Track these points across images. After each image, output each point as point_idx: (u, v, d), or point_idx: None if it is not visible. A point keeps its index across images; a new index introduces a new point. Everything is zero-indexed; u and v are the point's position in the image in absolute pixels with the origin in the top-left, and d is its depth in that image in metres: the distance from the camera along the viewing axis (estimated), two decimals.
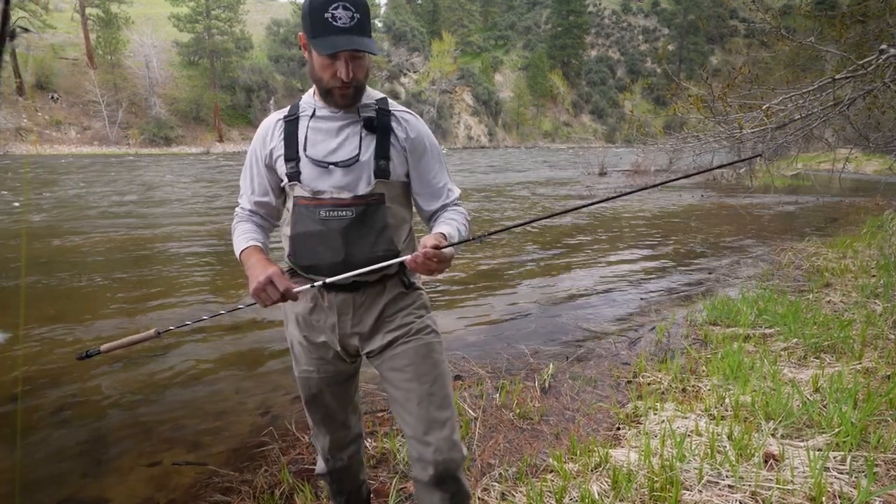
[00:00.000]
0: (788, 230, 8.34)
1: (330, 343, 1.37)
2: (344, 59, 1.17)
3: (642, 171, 16.91)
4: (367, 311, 1.33)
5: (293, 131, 1.30)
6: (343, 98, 1.23)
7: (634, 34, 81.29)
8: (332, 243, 1.26)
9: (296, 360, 1.44)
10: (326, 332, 1.36)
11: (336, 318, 1.33)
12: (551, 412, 2.67)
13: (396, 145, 1.30)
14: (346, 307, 1.32)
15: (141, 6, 42.92)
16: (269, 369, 3.30)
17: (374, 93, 1.34)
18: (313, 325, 1.37)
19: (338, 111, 1.29)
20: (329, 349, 1.38)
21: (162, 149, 35.72)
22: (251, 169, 1.38)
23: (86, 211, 10.07)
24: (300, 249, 1.30)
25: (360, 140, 1.28)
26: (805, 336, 3.30)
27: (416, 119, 1.35)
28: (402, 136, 1.31)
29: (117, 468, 2.28)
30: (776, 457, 1.99)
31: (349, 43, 1.14)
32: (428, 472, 1.27)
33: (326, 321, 1.35)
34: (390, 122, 1.30)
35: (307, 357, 1.40)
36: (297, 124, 1.30)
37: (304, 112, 1.31)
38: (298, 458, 2.26)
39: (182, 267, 5.92)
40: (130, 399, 2.91)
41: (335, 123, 1.29)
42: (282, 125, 1.32)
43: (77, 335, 3.83)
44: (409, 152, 1.32)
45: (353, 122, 1.29)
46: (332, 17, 1.12)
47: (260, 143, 1.35)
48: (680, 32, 73.90)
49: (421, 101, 51.76)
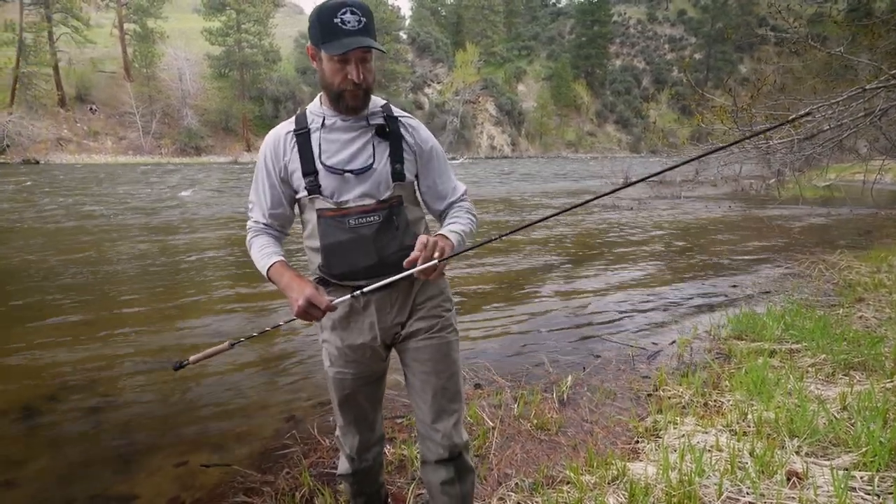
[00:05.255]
0: (820, 243, 8.10)
1: (368, 343, 1.42)
2: (354, 61, 1.24)
3: (667, 181, 16.65)
4: (404, 302, 1.41)
5: (306, 144, 1.33)
6: (354, 100, 1.29)
7: (660, 43, 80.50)
8: (365, 249, 1.32)
9: (330, 363, 1.48)
10: (364, 333, 1.41)
11: (375, 316, 1.40)
12: (569, 424, 2.66)
13: (407, 150, 1.39)
14: (384, 303, 1.39)
15: (176, 21, 44.57)
16: (291, 374, 3.38)
17: (377, 99, 1.41)
18: (351, 328, 1.42)
19: (348, 118, 1.34)
20: (366, 349, 1.43)
21: (192, 157, 36.83)
22: (263, 182, 1.40)
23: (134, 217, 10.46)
24: (333, 260, 1.34)
25: (374, 147, 1.34)
26: (834, 352, 3.21)
27: (419, 124, 1.45)
28: (410, 141, 1.40)
29: (146, 467, 2.37)
30: (800, 475, 1.95)
31: (359, 42, 1.20)
32: (436, 454, 1.45)
33: (364, 322, 1.41)
34: (399, 128, 1.38)
35: (343, 359, 1.45)
36: (308, 137, 1.34)
37: (313, 123, 1.35)
38: (319, 462, 2.32)
39: (210, 275, 6.09)
40: (158, 402, 3.02)
41: (348, 133, 1.34)
42: (293, 138, 1.35)
43: (112, 341, 3.99)
44: (417, 156, 1.41)
45: (365, 130, 1.35)
46: (342, 21, 1.20)
47: (271, 157, 1.37)
48: (707, 41, 72.89)
49: (444, 111, 52.18)
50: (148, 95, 38.49)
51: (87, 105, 37.06)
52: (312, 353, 3.64)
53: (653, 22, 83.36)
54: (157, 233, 8.91)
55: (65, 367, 3.45)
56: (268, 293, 5.07)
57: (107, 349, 3.77)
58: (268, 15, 43.79)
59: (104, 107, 37.61)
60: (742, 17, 71.74)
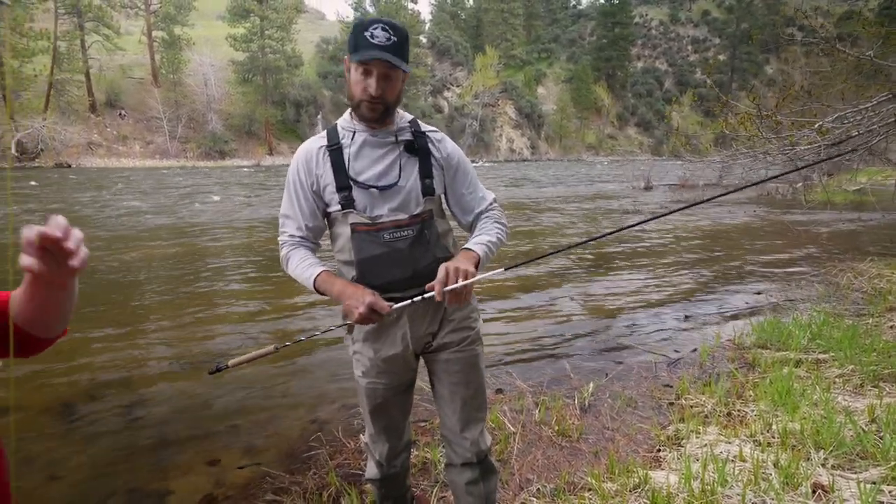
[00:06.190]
0: (849, 249, 7.90)
1: (400, 353, 1.46)
2: (376, 75, 1.29)
3: (690, 185, 16.43)
4: (435, 313, 1.47)
5: (339, 160, 1.38)
6: (371, 111, 1.34)
7: (683, 44, 79.40)
8: (400, 261, 1.37)
9: (362, 373, 1.51)
10: (396, 344, 1.45)
11: (408, 327, 1.44)
12: (590, 430, 2.67)
13: (435, 164, 1.44)
14: (416, 315, 1.44)
15: (201, 28, 45.63)
16: (316, 379, 3.45)
17: (405, 115, 1.46)
18: (383, 340, 1.46)
19: (377, 133, 1.39)
20: (398, 360, 1.48)
21: (216, 161, 37.59)
22: (296, 195, 1.43)
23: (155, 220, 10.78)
24: (369, 272, 1.38)
25: (402, 163, 1.40)
26: (862, 363, 3.15)
27: (446, 138, 1.50)
28: (438, 156, 1.45)
29: (179, 464, 2.46)
30: (825, 487, 1.94)
31: (381, 55, 1.26)
32: (463, 458, 1.54)
33: (397, 333, 1.45)
34: (427, 144, 1.44)
35: (375, 370, 1.48)
36: (341, 152, 1.39)
37: (344, 139, 1.40)
38: (345, 463, 2.38)
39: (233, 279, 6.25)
40: (191, 403, 3.13)
41: (378, 150, 1.39)
42: (325, 153, 1.39)
43: (149, 345, 4.14)
44: (444, 170, 1.46)
45: (393, 146, 1.40)
46: (371, 34, 1.26)
47: (304, 171, 1.41)
48: (732, 42, 71.53)
49: (463, 115, 52.25)
50: (174, 101, 39.45)
51: (116, 110, 38.17)
52: (335, 359, 3.71)
53: (675, 23, 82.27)
54: (185, 236, 9.16)
55: (101, 367, 3.59)
56: (291, 304, 5.18)
57: (140, 351, 3.91)
58: (290, 21, 44.49)
59: (132, 112, 38.67)
60: (768, 17, 70.29)
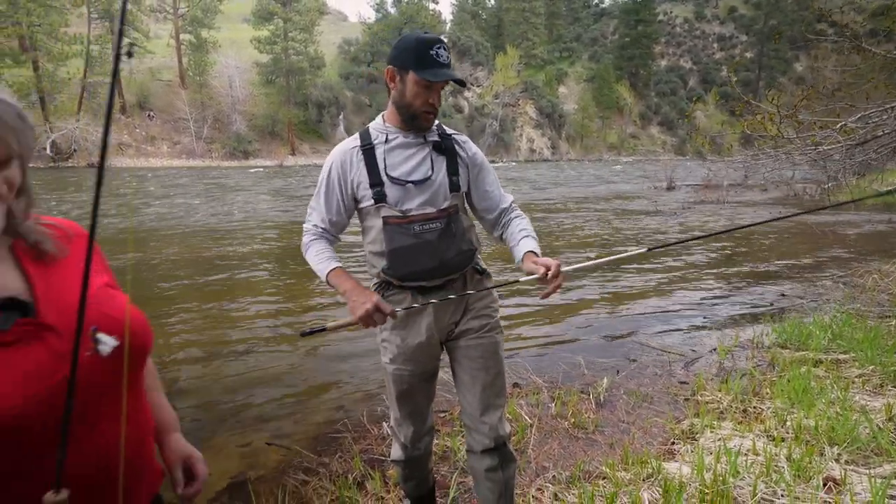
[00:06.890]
0: (877, 251, 7.73)
1: (426, 341, 1.57)
2: (437, 89, 1.46)
3: (713, 185, 16.17)
4: (458, 302, 1.58)
5: (372, 158, 1.51)
6: (428, 121, 1.51)
7: (708, 42, 77.80)
8: (428, 252, 1.49)
9: (390, 360, 1.60)
10: (422, 333, 1.56)
11: (433, 317, 1.55)
12: (606, 424, 2.74)
13: (461, 163, 1.58)
14: (441, 305, 1.55)
15: (227, 31, 46.60)
16: (339, 368, 3.59)
17: None
18: (409, 328, 1.57)
19: (409, 135, 1.53)
20: (423, 347, 1.58)
21: (240, 161, 38.37)
22: (328, 191, 1.54)
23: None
24: (398, 262, 1.49)
25: (433, 161, 1.53)
26: (884, 364, 3.14)
27: (467, 139, 1.65)
28: (463, 156, 1.60)
29: (214, 446, 2.62)
30: (837, 481, 1.98)
31: (451, 75, 1.45)
32: (482, 444, 1.59)
33: (423, 322, 1.56)
34: (453, 145, 1.58)
35: (402, 357, 1.59)
36: (373, 151, 1.51)
37: (377, 139, 1.53)
38: (369, 448, 2.50)
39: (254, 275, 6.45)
40: (222, 388, 3.30)
41: (409, 149, 1.53)
42: (360, 153, 1.51)
43: (176, 333, 4.34)
44: (469, 168, 1.61)
45: (423, 146, 1.54)
46: (436, 54, 1.43)
47: (338, 169, 1.52)
48: (759, 39, 69.82)
49: (484, 115, 52.23)
50: (200, 102, 40.38)
51: (145, 112, 39.26)
52: (359, 348, 3.84)
53: (700, 20, 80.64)
54: (215, 236, 9.45)
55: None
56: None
57: (168, 337, 4.11)
58: (313, 23, 45.11)
59: (161, 113, 39.73)
60: (798, 12, 68.40)
